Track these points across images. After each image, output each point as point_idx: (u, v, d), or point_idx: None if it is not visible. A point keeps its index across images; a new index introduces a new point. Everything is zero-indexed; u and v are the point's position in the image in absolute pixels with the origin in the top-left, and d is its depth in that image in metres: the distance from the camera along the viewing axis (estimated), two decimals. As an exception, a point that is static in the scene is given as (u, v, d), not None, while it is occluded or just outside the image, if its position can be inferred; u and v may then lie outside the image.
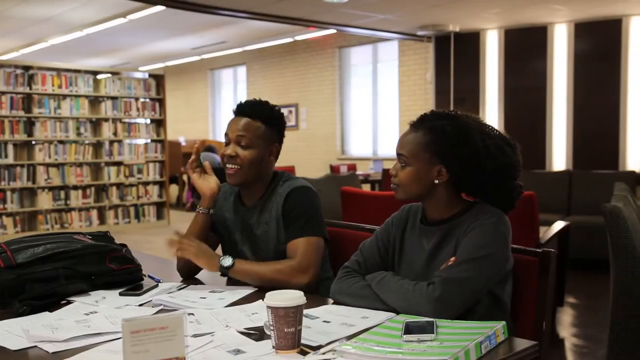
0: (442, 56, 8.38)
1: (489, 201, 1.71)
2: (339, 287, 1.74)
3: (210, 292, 1.85)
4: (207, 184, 2.09)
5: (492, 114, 8.08)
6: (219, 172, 2.07)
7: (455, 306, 1.54)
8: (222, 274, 1.92)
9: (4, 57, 11.71)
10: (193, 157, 2.10)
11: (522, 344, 1.38)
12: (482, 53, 8.10)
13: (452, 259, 1.60)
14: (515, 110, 7.95)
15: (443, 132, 1.67)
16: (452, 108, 7.95)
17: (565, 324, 4.30)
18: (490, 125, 1.74)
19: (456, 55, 8.21)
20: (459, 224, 1.67)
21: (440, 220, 1.71)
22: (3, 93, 7.50)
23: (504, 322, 1.40)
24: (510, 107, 8.00)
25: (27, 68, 7.82)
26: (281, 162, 2.20)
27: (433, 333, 1.34)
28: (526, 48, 7.85)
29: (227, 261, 1.90)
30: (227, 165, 2.03)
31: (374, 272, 1.72)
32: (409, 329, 1.37)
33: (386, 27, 8.27)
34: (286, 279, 1.87)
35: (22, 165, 7.70)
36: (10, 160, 7.59)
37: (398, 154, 1.72)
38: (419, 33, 8.35)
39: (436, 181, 1.68)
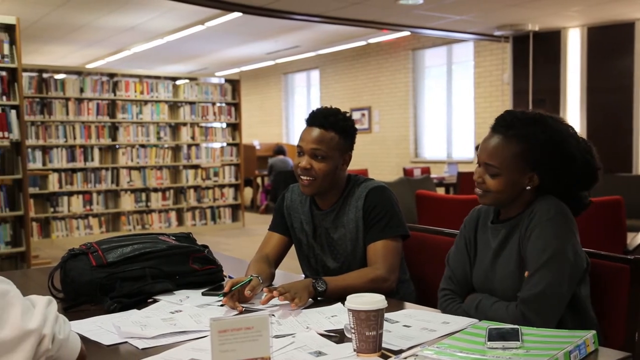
0: (520, 56, 8.15)
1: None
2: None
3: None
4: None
5: (573, 115, 7.78)
6: (290, 175, 2.08)
7: (547, 319, 1.53)
8: (316, 297, 1.81)
9: (91, 65, 12.32)
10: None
11: (614, 355, 1.32)
12: (562, 52, 7.82)
13: (526, 273, 1.60)
14: (599, 111, 7.63)
15: (536, 141, 1.63)
16: (530, 109, 7.69)
17: (655, 336, 4.07)
18: (571, 126, 1.71)
19: (535, 55, 7.96)
20: (521, 220, 1.66)
21: (509, 218, 1.71)
22: (90, 100, 7.88)
23: (594, 332, 1.34)
24: (592, 108, 7.68)
25: (111, 75, 8.18)
26: (354, 165, 2.20)
27: (518, 340, 1.31)
28: (610, 46, 7.52)
29: (322, 285, 1.80)
30: (302, 177, 2.02)
31: (470, 295, 1.73)
32: (492, 336, 1.34)
33: (462, 28, 8.13)
34: (377, 286, 1.86)
35: (106, 169, 8.06)
36: (96, 163, 7.96)
37: (485, 163, 1.67)
38: (496, 33, 8.16)
39: (527, 187, 1.67)
